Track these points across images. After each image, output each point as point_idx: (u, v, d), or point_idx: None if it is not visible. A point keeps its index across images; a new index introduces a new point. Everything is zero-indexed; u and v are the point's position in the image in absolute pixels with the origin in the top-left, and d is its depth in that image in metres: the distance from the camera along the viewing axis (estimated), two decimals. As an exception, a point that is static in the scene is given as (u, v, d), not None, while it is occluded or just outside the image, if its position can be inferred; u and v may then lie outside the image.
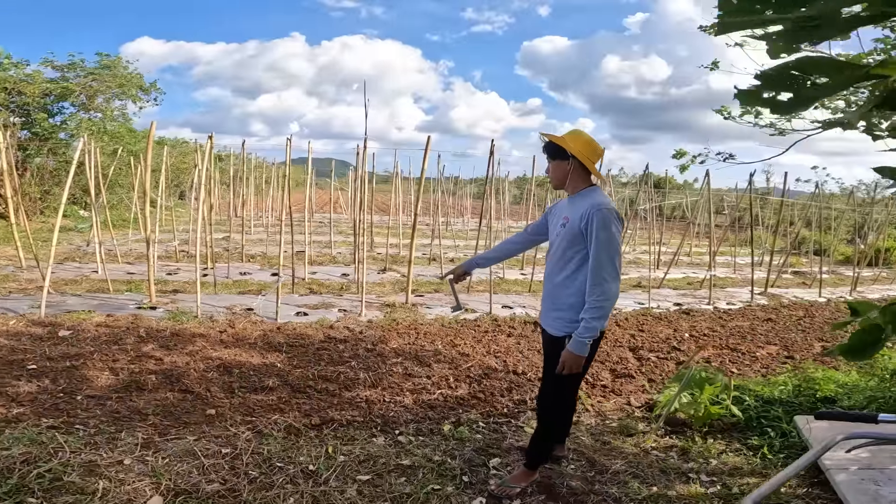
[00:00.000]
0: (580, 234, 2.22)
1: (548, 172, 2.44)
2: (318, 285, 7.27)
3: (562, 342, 2.28)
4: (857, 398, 3.58)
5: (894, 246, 12.47)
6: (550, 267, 2.39)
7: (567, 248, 2.28)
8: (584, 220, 2.19)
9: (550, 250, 2.42)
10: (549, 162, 2.39)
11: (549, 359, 2.40)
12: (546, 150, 2.39)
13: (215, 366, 4.09)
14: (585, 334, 2.15)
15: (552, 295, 2.36)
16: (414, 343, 4.83)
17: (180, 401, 3.44)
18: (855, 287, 9.18)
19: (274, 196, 13.49)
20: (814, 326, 6.45)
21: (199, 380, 3.78)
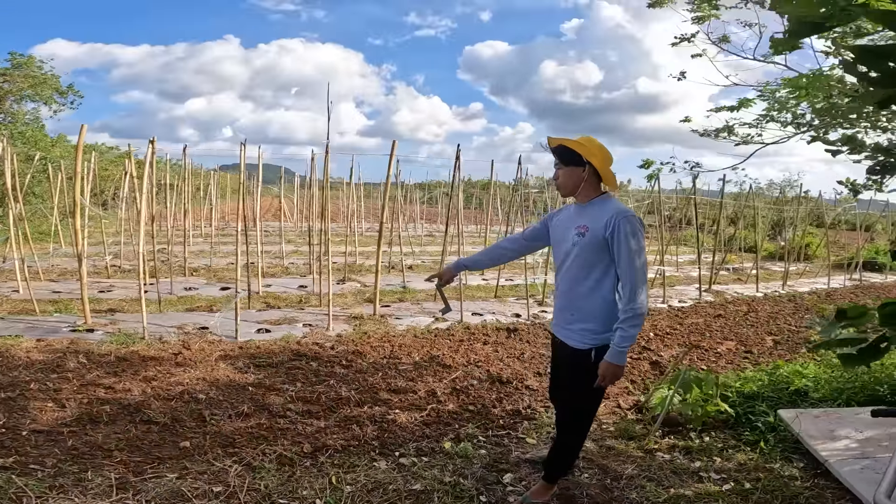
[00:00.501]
0: (605, 243, 2.15)
1: (556, 178, 2.33)
2: (274, 299, 6.88)
3: (587, 354, 2.21)
4: (824, 390, 3.78)
5: (813, 242, 13.62)
6: (570, 278, 2.27)
7: (589, 258, 2.20)
8: (610, 229, 2.12)
9: (565, 261, 2.30)
10: (562, 167, 2.28)
11: (573, 372, 2.29)
12: (559, 155, 2.29)
13: (177, 392, 3.71)
14: (624, 344, 2.09)
15: (574, 307, 2.26)
16: (391, 356, 4.63)
17: (145, 433, 3.08)
18: (786, 281, 9.90)
19: (214, 205, 12.72)
20: (760, 321, 6.84)
21: (162, 409, 3.41)
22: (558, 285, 2.36)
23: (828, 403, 3.58)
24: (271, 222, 18.58)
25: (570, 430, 2.38)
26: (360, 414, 3.41)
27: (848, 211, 13.06)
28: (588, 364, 2.21)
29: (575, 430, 2.36)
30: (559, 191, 2.39)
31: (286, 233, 12.23)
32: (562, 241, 2.34)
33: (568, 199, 2.58)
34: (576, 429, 2.36)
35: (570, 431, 2.38)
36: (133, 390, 3.68)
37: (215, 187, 13.38)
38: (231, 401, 3.60)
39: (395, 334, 5.30)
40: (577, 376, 2.25)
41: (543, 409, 3.60)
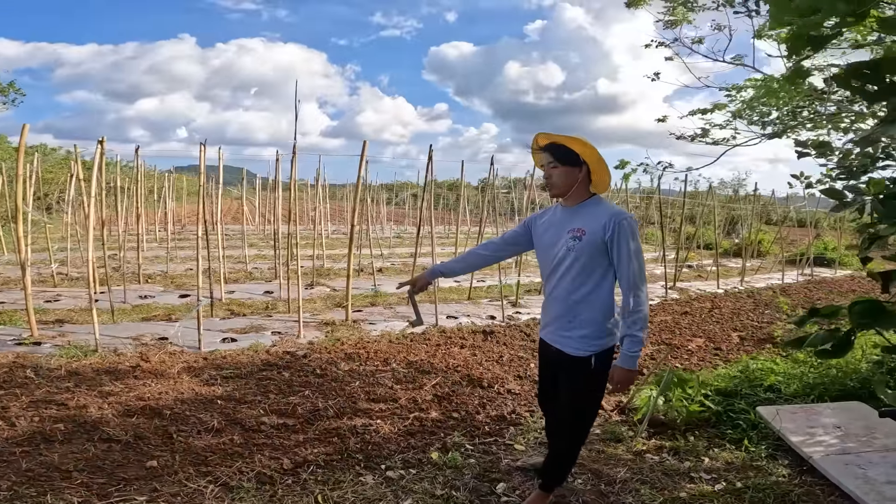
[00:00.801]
0: (604, 246, 2.09)
1: (548, 178, 2.22)
2: (239, 306, 6.59)
3: (587, 362, 2.14)
4: (795, 385, 3.87)
5: (765, 238, 14.21)
6: (565, 284, 2.17)
7: (588, 262, 2.12)
8: (610, 231, 2.06)
9: (558, 266, 2.20)
10: (557, 167, 2.18)
11: (572, 381, 2.21)
12: (555, 154, 2.19)
13: (138, 408, 3.46)
14: (636, 349, 2.04)
15: (571, 313, 2.17)
16: (366, 364, 4.48)
17: (106, 452, 2.85)
18: (743, 277, 10.26)
19: (169, 208, 12.16)
20: (724, 317, 7.03)
21: (122, 426, 3.17)
22: (550, 291, 2.26)
23: (801, 399, 3.66)
24: (232, 226, 17.96)
25: (567, 440, 2.30)
26: (340, 425, 3.26)
27: (799, 209, 13.69)
28: (588, 372, 2.14)
29: (573, 440, 2.29)
30: (550, 190, 2.28)
31: (248, 236, 11.81)
32: (551, 245, 2.24)
33: (554, 199, 2.50)
34: (574, 438, 2.29)
35: (567, 441, 2.30)
36: (89, 407, 3.42)
37: (170, 190, 12.78)
38: (199, 416, 3.38)
39: (369, 340, 5.14)
40: (577, 385, 2.18)
41: (528, 413, 3.54)
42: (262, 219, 16.88)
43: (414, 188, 21.28)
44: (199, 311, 4.94)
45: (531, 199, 8.34)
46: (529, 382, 4.14)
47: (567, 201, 2.23)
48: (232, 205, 23.56)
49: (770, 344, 5.61)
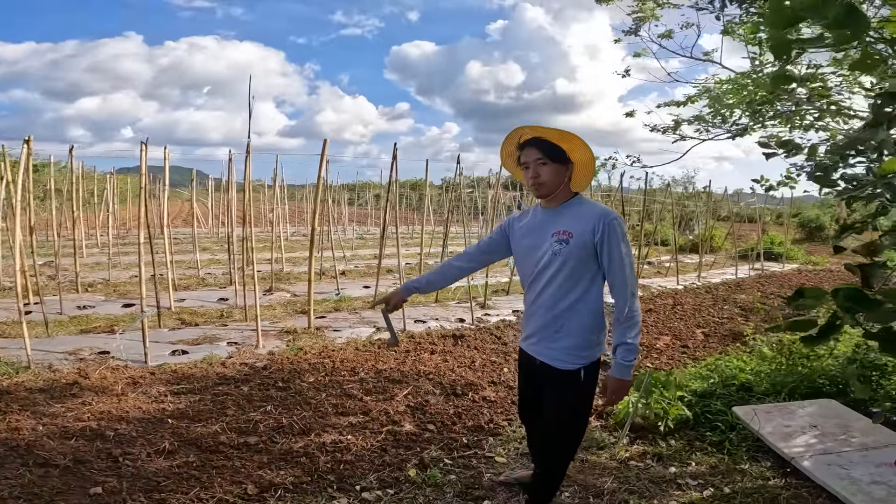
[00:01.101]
0: (593, 249, 1.94)
1: (535, 176, 2.01)
2: (190, 315, 6.17)
3: (577, 375, 1.99)
4: (766, 384, 3.88)
5: (717, 234, 14.70)
6: (551, 291, 2.00)
7: (576, 267, 1.95)
8: (599, 233, 1.91)
9: (543, 272, 2.02)
10: (546, 163, 1.99)
11: (560, 396, 2.05)
12: (544, 150, 2.00)
13: (77, 429, 3.14)
14: (630, 357, 1.91)
15: (557, 323, 2.00)
16: (333, 374, 4.23)
17: (43, 478, 2.55)
18: (700, 273, 10.54)
19: (112, 211, 11.40)
20: (687, 314, 7.12)
21: (61, 449, 2.86)
22: (533, 300, 2.08)
23: (772, 397, 3.67)
24: (182, 229, 17.10)
25: (555, 457, 2.15)
26: (308, 443, 3.01)
27: (749, 205, 14.24)
28: (577, 385, 1.99)
29: (561, 457, 2.15)
30: (537, 190, 2.05)
31: (201, 240, 11.22)
32: (533, 250, 2.06)
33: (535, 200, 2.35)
34: (562, 455, 2.15)
35: (554, 458, 2.15)
36: (22, 428, 3.08)
37: (112, 192, 11.99)
38: (148, 436, 3.09)
39: (334, 348, 4.88)
40: (565, 400, 2.03)
41: (506, 422, 3.39)
42: (215, 221, 16.15)
43: (377, 188, 20.92)
44: (145, 322, 4.55)
45: (496, 198, 8.24)
46: (504, 389, 4.01)
47: (549, 202, 2.06)
48: (183, 207, 22.49)
49: (736, 342, 5.69)
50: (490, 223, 9.60)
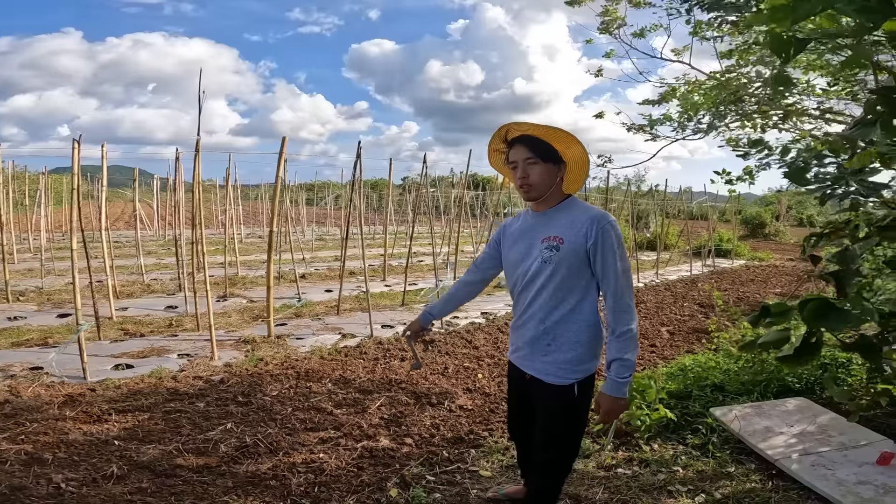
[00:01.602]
0: (585, 256, 1.79)
1: (525, 177, 1.85)
2: (135, 324, 5.71)
3: (570, 390, 1.83)
4: (736, 383, 3.89)
5: (671, 232, 15.16)
6: (541, 302, 1.85)
7: (568, 276, 1.80)
8: (593, 238, 1.76)
9: (532, 281, 1.87)
10: (537, 163, 1.83)
11: (552, 413, 1.90)
12: (534, 148, 1.84)
13: (12, 453, 2.79)
14: (625, 373, 1.75)
15: (549, 336, 1.86)
16: (298, 386, 3.96)
17: None
18: (657, 270, 10.79)
19: (45, 213, 10.54)
20: (650, 312, 7.21)
21: (-9, 480, 2.49)
22: (523, 311, 1.93)
23: (746, 397, 3.68)
24: (125, 231, 16.10)
25: (547, 478, 1.98)
26: (276, 464, 2.76)
27: (701, 203, 14.76)
28: (571, 400, 1.84)
29: (554, 477, 1.98)
30: (526, 192, 1.89)
31: (145, 243, 10.54)
32: (522, 257, 1.91)
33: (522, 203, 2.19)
34: (556, 475, 1.98)
35: (547, 479, 1.98)
36: (-55, 458, 2.67)
37: (45, 192, 11.08)
38: (92, 460, 2.78)
39: (298, 358, 4.60)
40: (558, 417, 1.88)
41: (486, 432, 3.24)
42: (161, 223, 15.28)
43: (336, 188, 20.38)
44: (82, 334, 4.12)
45: (461, 198, 8.10)
46: (480, 396, 3.86)
47: (539, 205, 1.91)
48: (125, 208, 21.23)
49: (700, 339, 5.77)
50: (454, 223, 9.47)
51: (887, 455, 2.58)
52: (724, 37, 4.19)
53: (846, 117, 4.31)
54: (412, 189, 16.45)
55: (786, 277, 10.99)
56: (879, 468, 2.54)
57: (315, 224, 18.40)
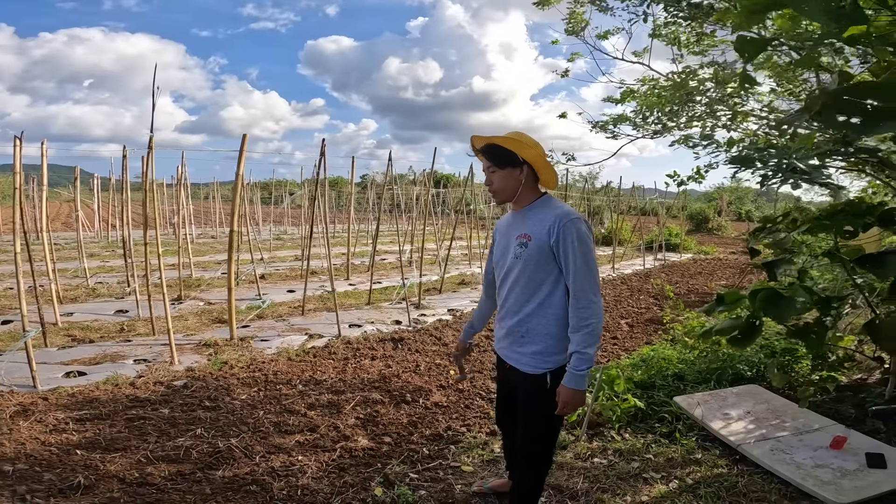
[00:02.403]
0: (550, 252, 1.87)
1: (489, 184, 1.99)
2: (82, 330, 5.40)
3: (543, 379, 1.91)
4: (695, 372, 4.09)
5: (625, 228, 15.71)
6: (515, 296, 1.96)
7: (536, 271, 1.90)
8: (555, 235, 1.84)
9: (508, 276, 1.98)
10: (496, 171, 1.94)
11: (528, 400, 1.99)
12: (491, 156, 1.95)
13: None
14: (582, 366, 1.81)
15: (523, 327, 1.95)
16: (267, 389, 3.86)
17: None
18: (613, 265, 11.15)
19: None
20: (609, 305, 7.45)
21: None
22: (502, 304, 2.04)
23: (704, 385, 3.87)
24: (63, 233, 15.13)
25: (533, 464, 2.06)
26: (254, 469, 2.69)
27: (652, 200, 15.35)
28: (544, 389, 1.92)
29: (536, 468, 2.06)
30: (494, 197, 2.04)
31: (87, 245, 9.95)
32: (503, 253, 2.04)
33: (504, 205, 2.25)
34: (537, 466, 2.06)
35: (533, 465, 2.06)
36: None
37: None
38: (56, 470, 2.64)
39: (264, 360, 4.48)
40: (533, 404, 1.97)
41: (464, 428, 3.27)
42: (103, 224, 14.46)
43: (293, 186, 19.89)
44: (29, 341, 3.86)
45: (420, 195, 8.10)
46: (455, 393, 3.89)
47: (516, 204, 2.01)
48: (62, 208, 19.95)
49: (657, 330, 6.02)
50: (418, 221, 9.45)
51: (839, 439, 2.77)
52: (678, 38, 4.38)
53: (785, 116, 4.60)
54: (373, 187, 16.29)
55: (730, 270, 11.62)
56: (833, 452, 2.72)
57: (272, 223, 17.91)
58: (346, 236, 7.60)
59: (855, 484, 2.43)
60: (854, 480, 2.46)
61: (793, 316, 2.45)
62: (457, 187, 16.22)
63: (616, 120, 4.59)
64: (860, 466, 2.57)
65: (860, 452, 2.67)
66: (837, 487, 2.41)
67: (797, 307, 2.39)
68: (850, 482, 2.45)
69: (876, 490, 2.38)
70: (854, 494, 2.36)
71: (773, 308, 2.37)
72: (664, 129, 4.95)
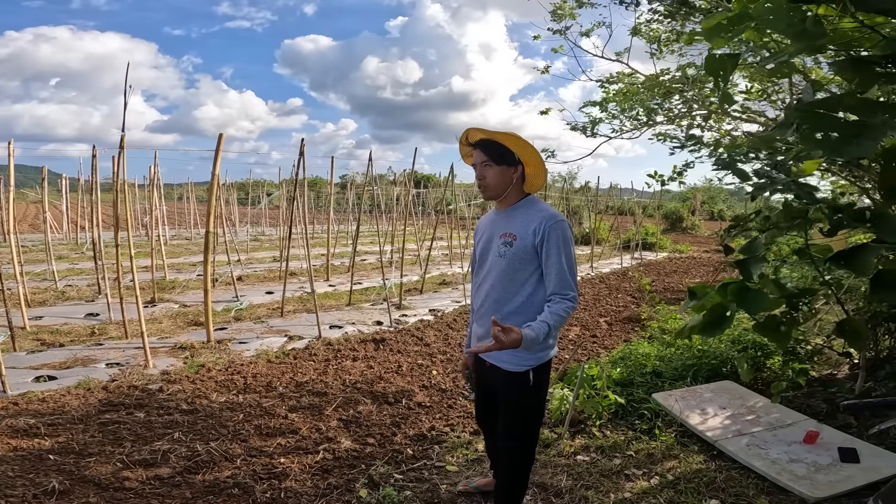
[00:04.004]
0: (534, 252, 1.89)
1: (482, 178, 1.99)
2: (52, 334, 5.23)
3: (525, 377, 1.93)
4: (670, 370, 4.16)
5: (602, 227, 15.91)
6: (496, 294, 1.96)
7: (519, 270, 1.91)
8: (540, 235, 1.87)
9: (489, 274, 1.99)
10: (492, 167, 1.95)
11: (510, 398, 2.00)
12: (490, 152, 1.96)
13: None
14: (540, 330, 1.76)
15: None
16: (247, 392, 3.80)
17: None
18: (592, 264, 11.29)
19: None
20: (588, 304, 7.54)
21: None
22: (482, 302, 2.04)
23: (680, 382, 3.94)
24: (30, 234, 14.63)
25: (516, 462, 2.07)
26: (235, 472, 2.64)
27: (629, 200, 15.59)
28: (527, 387, 1.94)
29: (520, 466, 2.07)
30: (483, 192, 2.03)
31: (55, 247, 9.64)
32: (485, 252, 2.04)
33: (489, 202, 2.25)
34: (520, 463, 2.07)
35: (516, 463, 2.07)
36: None
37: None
38: (29, 476, 2.57)
39: (243, 363, 4.40)
40: (515, 402, 1.98)
41: (448, 428, 3.27)
42: (71, 226, 14.03)
43: (270, 187, 19.60)
44: None
45: (401, 196, 8.07)
46: (437, 393, 3.88)
47: (501, 203, 2.03)
48: (29, 210, 19.30)
49: (634, 327, 6.11)
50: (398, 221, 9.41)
51: (812, 433, 2.85)
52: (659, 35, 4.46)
53: (761, 117, 4.74)
54: (352, 187, 16.17)
55: (703, 268, 11.87)
56: (807, 446, 2.79)
57: (250, 224, 17.62)
58: (326, 237, 7.52)
59: (829, 478, 2.49)
60: (828, 475, 2.52)
61: (762, 309, 2.53)
62: (437, 187, 16.21)
63: (595, 121, 4.65)
64: (833, 461, 2.64)
65: (833, 447, 2.74)
66: (812, 482, 2.46)
67: (767, 301, 2.46)
68: (824, 476, 2.51)
69: (850, 485, 2.44)
70: (829, 489, 2.41)
71: (743, 300, 2.44)
72: (643, 125, 5.04)
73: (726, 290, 2.50)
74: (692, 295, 2.79)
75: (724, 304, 2.55)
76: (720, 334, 2.97)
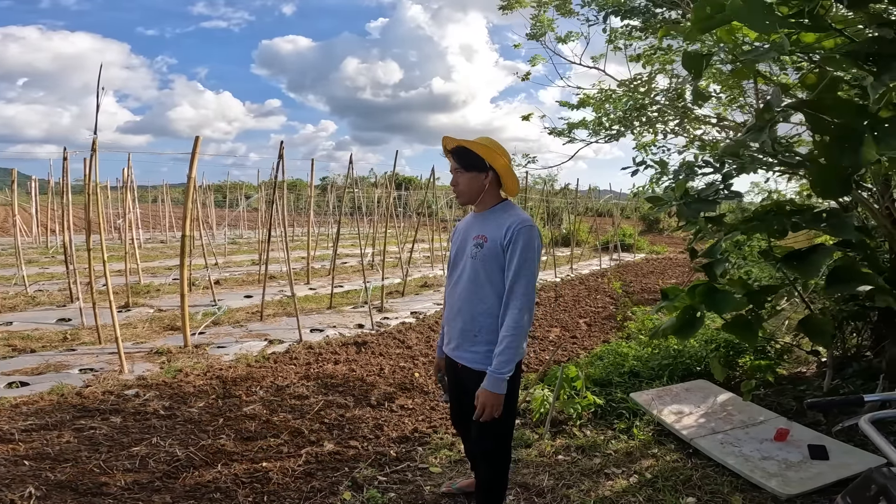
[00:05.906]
0: (503, 253, 1.92)
1: (455, 185, 2.05)
2: (23, 339, 5.09)
3: None
4: (647, 370, 4.24)
5: (582, 229, 16.12)
6: (468, 295, 1.98)
7: (490, 272, 1.94)
8: (508, 237, 1.90)
9: (462, 276, 2.02)
10: (462, 173, 2.01)
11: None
12: (459, 159, 2.01)
13: None
14: (504, 369, 1.84)
15: (476, 327, 1.97)
16: (227, 396, 3.76)
17: None
18: (572, 265, 11.43)
19: None
20: (568, 305, 7.64)
21: None
22: (453, 304, 2.06)
23: (657, 381, 4.03)
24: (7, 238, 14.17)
25: (493, 462, 2.09)
26: (216, 476, 2.62)
27: (607, 202, 15.83)
28: None
29: (497, 464, 2.09)
30: (458, 198, 2.10)
31: (24, 251, 9.36)
32: (459, 254, 2.09)
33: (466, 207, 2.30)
34: (498, 462, 2.09)
35: (493, 463, 2.09)
36: None
37: None
38: (5, 481, 2.51)
39: (222, 367, 4.35)
40: None
41: (431, 430, 3.29)
42: (41, 229, 13.64)
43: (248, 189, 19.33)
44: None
45: (382, 198, 8.06)
46: (420, 395, 3.89)
47: (477, 207, 2.07)
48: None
49: (613, 327, 6.22)
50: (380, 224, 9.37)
51: (783, 431, 2.94)
52: (632, 44, 4.56)
53: (730, 122, 4.88)
54: (333, 189, 16.06)
55: (679, 268, 12.12)
56: (777, 444, 2.88)
57: (228, 227, 17.36)
58: (306, 240, 7.46)
59: (800, 475, 2.56)
60: (799, 472, 2.59)
61: (729, 309, 2.63)
62: (419, 189, 16.23)
63: (573, 125, 4.73)
64: (804, 458, 2.71)
65: (803, 444, 2.82)
66: (784, 479, 2.53)
67: (733, 301, 2.56)
68: (795, 473, 2.58)
69: (820, 481, 2.50)
70: (800, 486, 2.47)
71: (711, 301, 2.53)
72: (619, 135, 5.14)
73: (695, 291, 2.61)
74: (665, 296, 2.91)
75: (695, 305, 2.65)
76: (693, 335, 3.07)
